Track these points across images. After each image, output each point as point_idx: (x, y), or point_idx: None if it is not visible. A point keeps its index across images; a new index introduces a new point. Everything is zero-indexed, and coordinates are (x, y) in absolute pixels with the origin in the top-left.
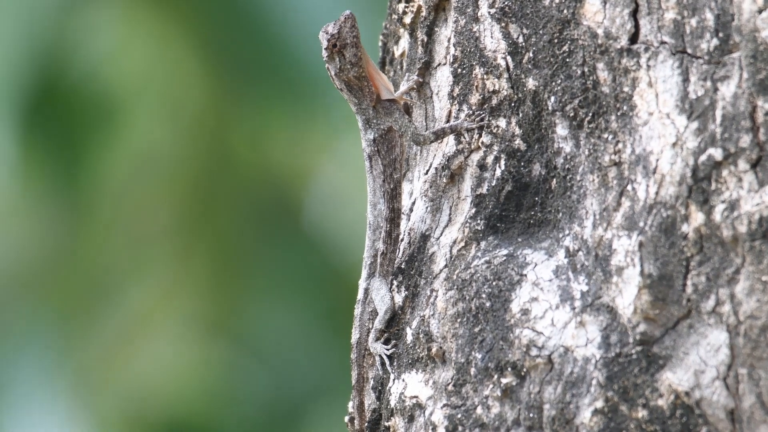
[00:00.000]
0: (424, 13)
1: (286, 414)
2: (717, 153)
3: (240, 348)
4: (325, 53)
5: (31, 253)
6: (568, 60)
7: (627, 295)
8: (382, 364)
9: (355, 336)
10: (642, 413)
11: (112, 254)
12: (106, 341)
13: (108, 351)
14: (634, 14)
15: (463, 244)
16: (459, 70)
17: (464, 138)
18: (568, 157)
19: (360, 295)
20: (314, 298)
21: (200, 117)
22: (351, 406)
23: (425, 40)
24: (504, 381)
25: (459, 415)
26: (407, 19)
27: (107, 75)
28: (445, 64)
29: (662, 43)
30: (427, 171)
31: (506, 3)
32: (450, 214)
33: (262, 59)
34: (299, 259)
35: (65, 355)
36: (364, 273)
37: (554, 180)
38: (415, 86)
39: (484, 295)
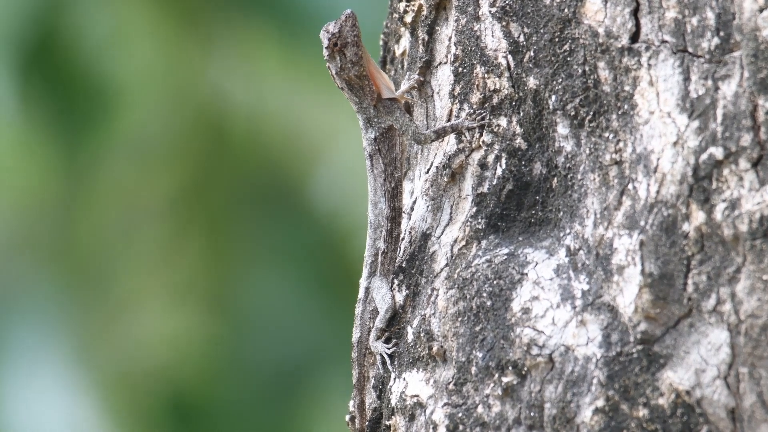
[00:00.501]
0: (425, 12)
1: (285, 380)
2: (718, 152)
3: (237, 318)
4: (326, 52)
5: (32, 214)
6: (569, 59)
7: (628, 294)
8: (383, 363)
9: (356, 335)
10: (643, 412)
11: (111, 224)
12: (105, 308)
13: (107, 318)
14: (635, 13)
15: (464, 242)
16: (460, 69)
17: (465, 137)
18: (569, 156)
19: (361, 294)
20: (309, 269)
21: (196, 94)
22: (352, 404)
23: (426, 39)
24: (505, 380)
25: (460, 414)
26: (408, 18)
27: (105, 50)
28: (446, 63)
29: (663, 42)
30: (428, 170)
31: (507, 2)
32: (451, 213)
33: (261, 28)
34: (293, 230)
35: (65, 319)
36: (365, 272)
37: (555, 179)
38: (416, 85)
39: (485, 294)
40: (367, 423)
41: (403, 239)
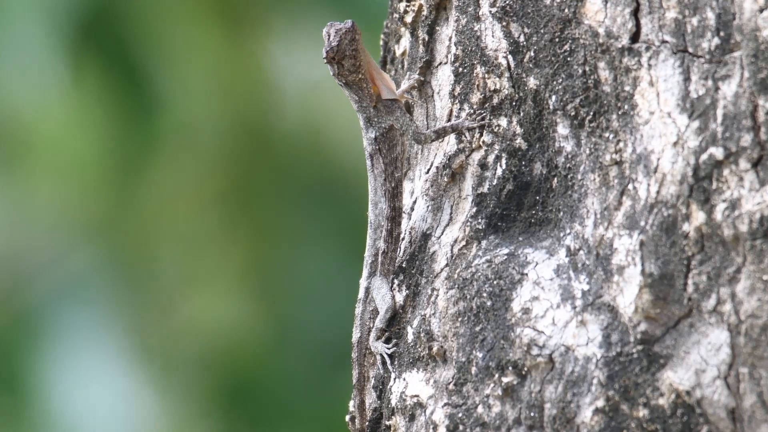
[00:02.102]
0: (425, 12)
1: (334, 356)
2: (718, 152)
3: (287, 299)
4: (323, 60)
5: (86, 196)
6: (569, 59)
7: (628, 294)
8: (383, 363)
9: (356, 335)
10: (643, 412)
11: (164, 210)
12: (160, 293)
13: (161, 302)
14: (636, 13)
15: (464, 243)
16: (460, 69)
17: (465, 137)
18: (569, 156)
19: (361, 294)
20: (353, 248)
21: (250, 84)
22: (352, 405)
23: (426, 39)
24: (505, 380)
25: (460, 414)
26: (408, 18)
27: (158, 37)
28: (446, 63)
29: (663, 42)
30: (429, 170)
31: (507, 2)
32: (451, 213)
33: (316, 22)
34: (338, 213)
35: (120, 303)
36: (365, 272)
37: (555, 179)
38: (416, 85)
39: (485, 294)
40: (367, 423)
41: (403, 239)
